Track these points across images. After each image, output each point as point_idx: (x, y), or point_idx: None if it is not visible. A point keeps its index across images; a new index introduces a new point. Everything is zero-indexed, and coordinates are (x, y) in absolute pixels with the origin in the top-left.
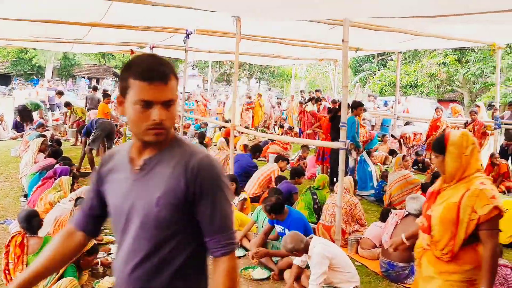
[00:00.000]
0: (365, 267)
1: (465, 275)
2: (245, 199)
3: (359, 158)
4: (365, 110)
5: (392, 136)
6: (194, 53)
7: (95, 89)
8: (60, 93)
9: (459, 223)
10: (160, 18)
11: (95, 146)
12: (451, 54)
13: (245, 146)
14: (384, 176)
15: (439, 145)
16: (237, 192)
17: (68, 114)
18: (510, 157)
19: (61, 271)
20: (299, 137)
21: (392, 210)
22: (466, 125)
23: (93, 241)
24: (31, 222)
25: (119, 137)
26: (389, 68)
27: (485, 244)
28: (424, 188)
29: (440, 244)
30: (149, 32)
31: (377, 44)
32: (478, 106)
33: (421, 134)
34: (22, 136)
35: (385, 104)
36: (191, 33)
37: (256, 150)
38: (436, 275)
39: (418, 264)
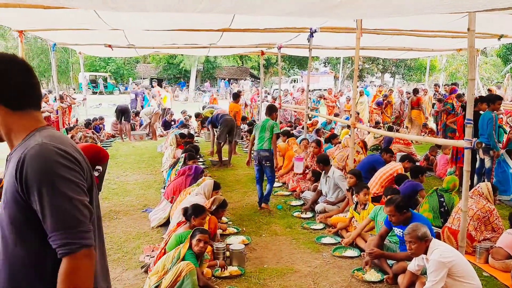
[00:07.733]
0: (495, 279)
1: None
2: None
3: (497, 158)
4: None
5: None
6: (319, 50)
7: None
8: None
9: None
10: (285, 19)
11: (221, 139)
12: None
13: (364, 143)
14: None
15: None
16: (359, 187)
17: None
18: None
19: (182, 255)
20: (436, 134)
21: None
22: None
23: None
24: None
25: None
26: None
27: None
28: None
29: None
30: (275, 33)
31: None
32: None
33: None
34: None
35: None
36: (315, 31)
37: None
38: None
39: None
